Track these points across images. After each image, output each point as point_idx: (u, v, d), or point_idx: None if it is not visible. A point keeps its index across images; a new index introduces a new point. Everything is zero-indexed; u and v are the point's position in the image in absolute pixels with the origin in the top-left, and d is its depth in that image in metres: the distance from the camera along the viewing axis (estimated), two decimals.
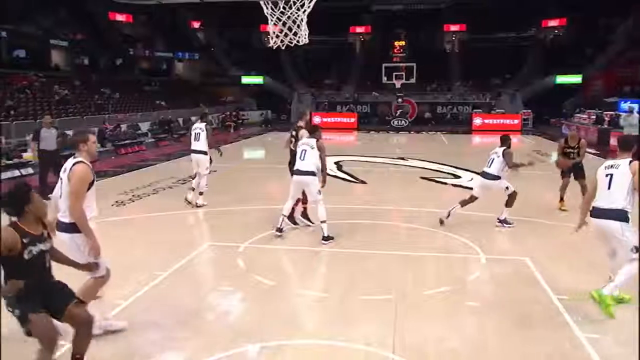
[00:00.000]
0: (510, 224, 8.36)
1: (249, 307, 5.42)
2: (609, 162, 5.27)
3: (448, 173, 14.14)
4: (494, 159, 8.43)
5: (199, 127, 10.00)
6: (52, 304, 3.59)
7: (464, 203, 8.52)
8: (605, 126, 22.35)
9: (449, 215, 8.43)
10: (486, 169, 8.50)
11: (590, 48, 36.68)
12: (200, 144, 9.88)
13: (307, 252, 7.28)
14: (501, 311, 5.21)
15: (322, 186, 7.62)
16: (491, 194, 8.62)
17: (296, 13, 8.30)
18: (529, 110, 31.85)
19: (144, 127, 24.56)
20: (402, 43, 37.02)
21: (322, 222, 7.48)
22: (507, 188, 8.39)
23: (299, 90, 38.45)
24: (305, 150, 7.54)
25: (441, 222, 8.40)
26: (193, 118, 29.41)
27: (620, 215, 4.98)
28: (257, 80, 39.19)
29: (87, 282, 4.39)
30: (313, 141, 7.59)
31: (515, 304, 5.38)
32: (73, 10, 32.02)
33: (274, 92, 39.03)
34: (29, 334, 3.45)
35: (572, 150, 9.59)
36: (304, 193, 7.84)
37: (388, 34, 40.49)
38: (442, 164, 15.56)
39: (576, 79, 34.94)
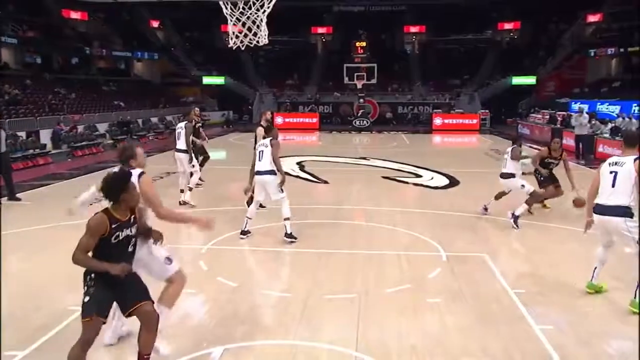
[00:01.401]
0: (517, 225, 8.10)
1: (211, 310, 5.35)
2: (614, 159, 5.26)
3: (409, 172, 14.37)
4: (507, 159, 8.71)
5: (180, 126, 10.30)
6: (124, 296, 3.78)
7: (498, 197, 9.04)
8: (558, 126, 23.19)
9: (485, 209, 9.07)
10: (502, 170, 8.81)
11: (543, 51, 38.10)
12: (180, 142, 10.04)
13: (270, 252, 7.27)
14: (461, 307, 5.34)
15: (281, 185, 7.45)
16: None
17: (255, 14, 8.26)
18: (487, 110, 32.70)
19: (102, 128, 23.89)
20: (363, 44, 37.35)
21: (285, 219, 7.47)
22: (523, 186, 8.51)
23: (261, 90, 38.24)
24: (262, 151, 7.55)
25: (486, 209, 9.08)
26: (153, 119, 28.98)
27: (624, 212, 5.01)
28: (219, 80, 38.73)
29: (167, 288, 4.36)
30: (267, 140, 7.62)
31: (474, 299, 5.53)
32: (22, 6, 30.76)
33: (236, 92, 38.66)
34: (83, 322, 3.64)
35: (553, 161, 9.04)
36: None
37: (349, 34, 40.80)
38: (403, 164, 15.80)
39: (530, 80, 36.15)
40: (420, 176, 13.76)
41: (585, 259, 7.05)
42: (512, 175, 8.62)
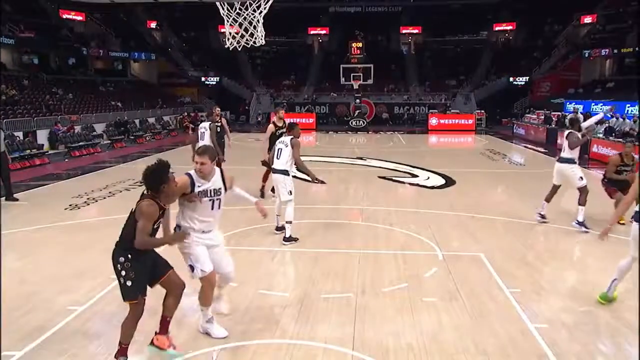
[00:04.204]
0: (587, 228, 7.71)
1: None
2: None
3: (406, 172, 14.42)
4: (563, 144, 8.24)
5: (204, 127, 10.39)
6: (155, 268, 4.12)
7: (549, 197, 8.50)
8: (553, 126, 23.31)
9: (542, 216, 8.52)
10: (562, 154, 8.29)
11: (537, 52, 38.34)
12: (205, 143, 10.01)
13: (268, 252, 7.29)
14: (457, 306, 5.38)
15: (314, 180, 7.83)
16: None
17: (252, 14, 8.29)
18: (482, 111, 32.82)
19: (99, 128, 23.88)
20: (360, 44, 37.48)
21: (287, 222, 7.50)
22: (581, 178, 8.04)
23: (258, 90, 38.30)
24: (281, 149, 7.58)
25: (543, 217, 8.52)
26: (150, 119, 28.96)
27: None
28: (215, 80, 38.78)
29: (201, 289, 4.66)
30: (288, 139, 7.63)
31: (470, 298, 5.57)
32: (20, 7, 30.70)
33: (233, 92, 38.73)
34: (130, 304, 4.01)
35: (626, 169, 8.13)
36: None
37: (346, 35, 40.93)
38: (399, 164, 15.85)
39: (525, 80, 36.35)
40: (416, 176, 13.81)
41: (581, 258, 7.14)
42: (572, 161, 8.09)
